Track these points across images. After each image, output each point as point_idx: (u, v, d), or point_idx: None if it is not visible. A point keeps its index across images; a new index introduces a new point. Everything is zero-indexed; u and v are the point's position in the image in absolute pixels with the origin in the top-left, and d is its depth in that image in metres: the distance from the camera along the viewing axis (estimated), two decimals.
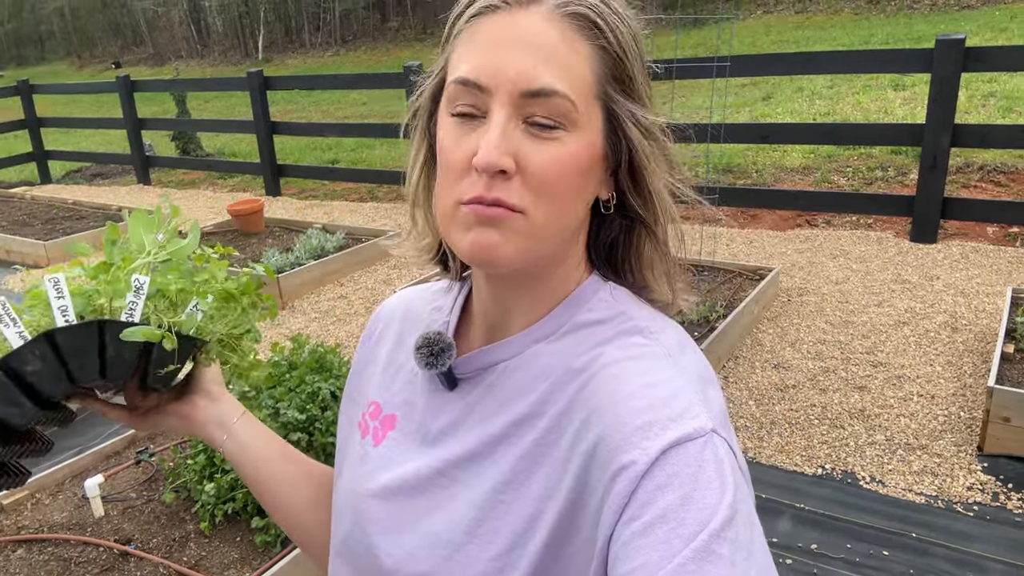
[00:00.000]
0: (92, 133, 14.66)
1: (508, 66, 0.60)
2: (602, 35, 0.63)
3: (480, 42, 0.62)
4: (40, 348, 0.68)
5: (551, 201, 0.62)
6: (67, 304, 0.71)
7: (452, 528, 0.67)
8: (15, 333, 0.68)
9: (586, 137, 0.63)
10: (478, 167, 0.60)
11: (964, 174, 6.06)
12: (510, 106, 0.60)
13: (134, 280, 0.74)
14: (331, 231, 5.93)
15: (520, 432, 0.67)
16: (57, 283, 0.71)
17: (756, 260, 4.95)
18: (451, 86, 0.63)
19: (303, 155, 10.14)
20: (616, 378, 0.63)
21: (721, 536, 0.53)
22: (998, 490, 2.64)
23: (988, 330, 3.78)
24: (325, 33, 30.36)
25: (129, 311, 0.73)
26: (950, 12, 16.98)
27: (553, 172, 0.61)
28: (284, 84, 9.29)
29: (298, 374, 2.64)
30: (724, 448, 0.58)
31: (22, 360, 0.67)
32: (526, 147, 0.61)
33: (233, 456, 0.88)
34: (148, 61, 33.72)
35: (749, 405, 3.31)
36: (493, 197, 0.61)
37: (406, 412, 0.77)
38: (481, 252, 0.62)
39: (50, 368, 0.69)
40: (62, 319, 0.70)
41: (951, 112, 4.74)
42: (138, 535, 2.51)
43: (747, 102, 9.76)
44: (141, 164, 9.55)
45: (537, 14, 0.61)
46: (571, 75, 0.61)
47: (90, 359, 0.71)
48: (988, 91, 8.25)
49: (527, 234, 0.62)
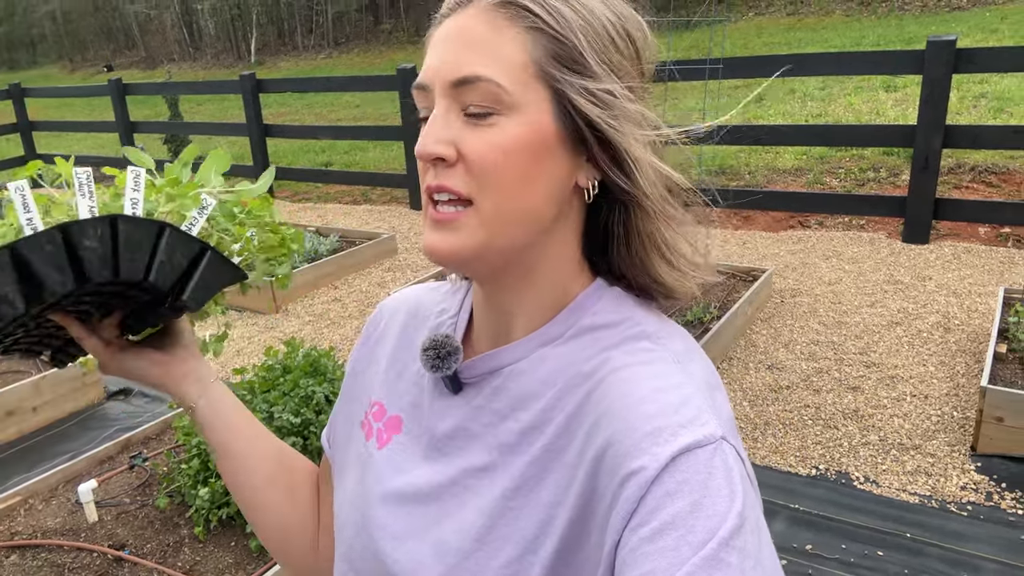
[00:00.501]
0: (84, 136, 14.61)
1: (441, 62, 0.64)
2: (536, 17, 0.63)
3: (429, 48, 0.67)
4: (102, 228, 0.68)
5: (498, 186, 0.63)
6: (139, 199, 0.72)
7: (461, 535, 0.66)
8: (87, 206, 0.69)
9: (528, 119, 0.63)
10: (418, 156, 0.64)
11: (956, 175, 6.09)
12: (446, 98, 0.63)
13: (203, 198, 0.76)
14: (324, 234, 5.92)
15: (529, 439, 0.66)
16: (137, 176, 0.73)
17: (749, 261, 4.96)
18: (413, 94, 0.68)
19: (296, 158, 10.13)
20: (626, 382, 0.62)
21: (730, 544, 0.53)
22: (992, 490, 2.65)
23: (980, 330, 3.80)
24: (318, 35, 30.33)
25: (189, 224, 0.75)
26: (941, 13, 17.07)
27: (491, 156, 0.62)
28: (277, 87, 9.27)
29: (292, 378, 2.63)
30: (733, 455, 0.58)
31: (83, 232, 0.67)
32: (465, 135, 0.63)
33: (204, 418, 0.85)
34: (140, 64, 33.62)
35: (743, 406, 3.31)
36: (437, 184, 0.64)
37: (412, 415, 0.76)
38: (435, 252, 0.65)
39: (104, 251, 0.68)
40: (131, 209, 0.72)
41: (942, 113, 4.77)
42: (132, 540, 2.50)
43: (740, 103, 9.78)
44: None
45: (470, 11, 0.65)
46: (498, 60, 0.62)
47: (141, 256, 0.71)
48: (979, 92, 8.29)
49: (478, 226, 0.64)
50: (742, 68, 6.08)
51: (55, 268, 0.66)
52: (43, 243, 0.66)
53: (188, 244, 0.74)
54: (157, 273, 0.72)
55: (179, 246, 0.73)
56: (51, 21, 40.23)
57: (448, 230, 0.64)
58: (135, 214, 0.72)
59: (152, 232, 0.72)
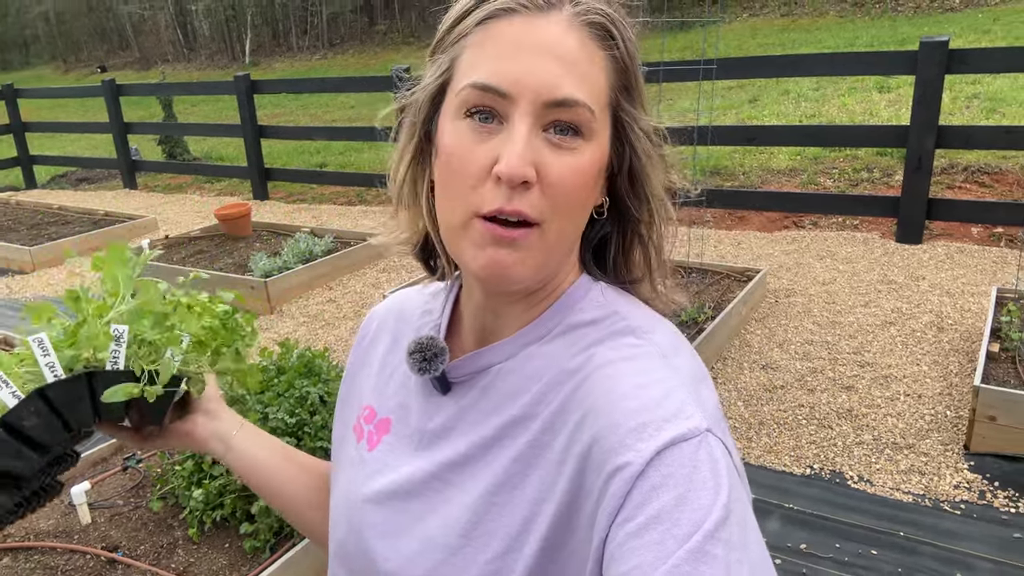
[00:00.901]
0: (78, 137, 14.56)
1: (531, 74, 0.59)
2: (615, 44, 0.63)
3: (497, 46, 0.61)
4: (35, 404, 0.73)
5: (568, 212, 0.63)
6: (53, 360, 0.75)
7: (447, 531, 0.67)
8: (9, 394, 0.73)
9: (598, 146, 0.63)
10: (502, 177, 0.59)
11: (949, 175, 6.11)
12: (532, 115, 0.60)
13: (113, 330, 0.78)
14: (319, 235, 5.91)
15: (513, 434, 0.67)
16: (41, 342, 0.75)
17: (744, 262, 4.97)
18: (466, 90, 0.61)
19: (291, 159, 10.11)
20: (610, 379, 0.63)
21: (715, 536, 0.53)
22: (985, 488, 2.66)
23: (973, 329, 3.81)
24: (312, 36, 30.28)
25: (113, 360, 0.78)
26: (934, 15, 17.14)
27: (571, 182, 0.61)
28: (271, 88, 9.25)
29: (287, 379, 2.63)
30: (719, 448, 0.58)
31: (19, 416, 0.72)
32: (546, 157, 0.60)
33: (236, 467, 0.90)
34: (134, 65, 33.53)
35: (738, 406, 3.32)
36: (513, 209, 0.60)
37: (401, 416, 0.77)
38: (497, 272, 0.62)
39: (46, 421, 0.74)
40: (51, 375, 0.75)
41: (935, 114, 4.78)
42: (125, 542, 2.49)
43: (734, 104, 9.81)
44: (127, 168, 9.49)
45: (557, 21, 0.61)
46: (590, 85, 0.61)
47: (83, 407, 0.76)
48: (972, 92, 8.33)
49: (541, 249, 0.62)
50: (736, 69, 6.10)
51: (14, 457, 0.72)
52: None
53: (119, 378, 0.77)
54: (105, 412, 0.77)
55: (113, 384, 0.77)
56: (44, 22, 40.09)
57: (515, 248, 0.61)
58: (56, 376, 0.75)
59: (82, 383, 0.76)
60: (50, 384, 0.74)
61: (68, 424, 0.75)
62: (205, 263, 5.65)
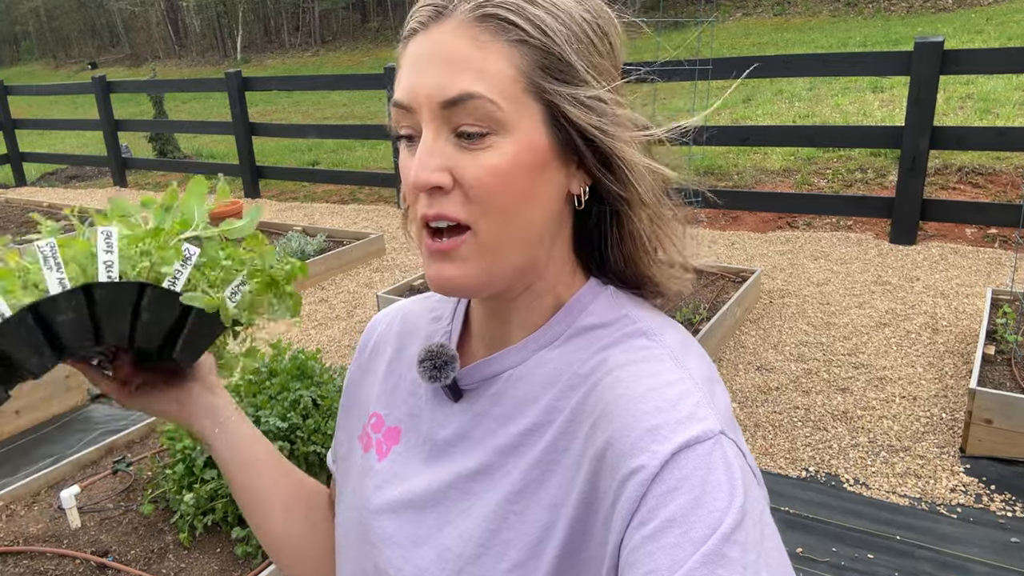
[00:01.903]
0: (68, 135, 14.47)
1: (423, 82, 0.61)
2: (519, 29, 0.61)
3: (405, 64, 0.63)
4: (76, 299, 0.66)
5: (498, 211, 0.62)
6: (113, 260, 0.68)
7: (464, 541, 0.66)
8: (56, 279, 0.66)
9: (522, 136, 0.61)
10: (413, 188, 0.61)
11: (943, 176, 6.12)
12: (434, 121, 0.61)
13: (185, 249, 0.72)
14: (311, 234, 5.87)
15: (530, 441, 0.66)
16: (109, 236, 0.68)
17: (738, 262, 4.97)
18: (390, 110, 0.65)
19: (282, 157, 10.06)
20: (623, 381, 0.62)
21: (731, 539, 0.53)
22: (981, 492, 2.66)
23: (969, 331, 3.81)
24: (304, 33, 30.18)
25: (173, 279, 0.71)
26: (926, 14, 17.20)
27: (490, 182, 0.61)
28: (263, 85, 9.20)
29: (279, 381, 2.60)
30: (733, 449, 0.58)
31: (56, 308, 0.65)
32: (460, 160, 0.61)
33: (219, 455, 0.85)
34: (125, 62, 33.36)
35: (733, 407, 3.30)
36: (435, 213, 0.62)
37: (411, 425, 0.76)
38: (443, 284, 0.64)
39: (81, 321, 0.67)
40: (105, 274, 0.68)
41: (929, 114, 4.79)
42: (116, 547, 2.46)
43: (727, 104, 9.81)
44: (118, 166, 9.43)
45: (447, 26, 0.61)
46: (487, 76, 0.60)
47: (122, 321, 0.69)
48: (965, 93, 8.35)
49: (479, 254, 0.62)
50: (731, 68, 6.09)
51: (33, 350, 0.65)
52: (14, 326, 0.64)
53: (173, 300, 0.71)
54: (142, 335, 0.71)
55: (163, 304, 0.71)
56: (35, 18, 39.84)
57: (452, 259, 0.63)
58: (110, 277, 0.68)
59: (131, 294, 0.69)
60: (103, 283, 0.67)
61: (99, 334, 0.68)
62: None
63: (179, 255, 0.72)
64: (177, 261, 0.72)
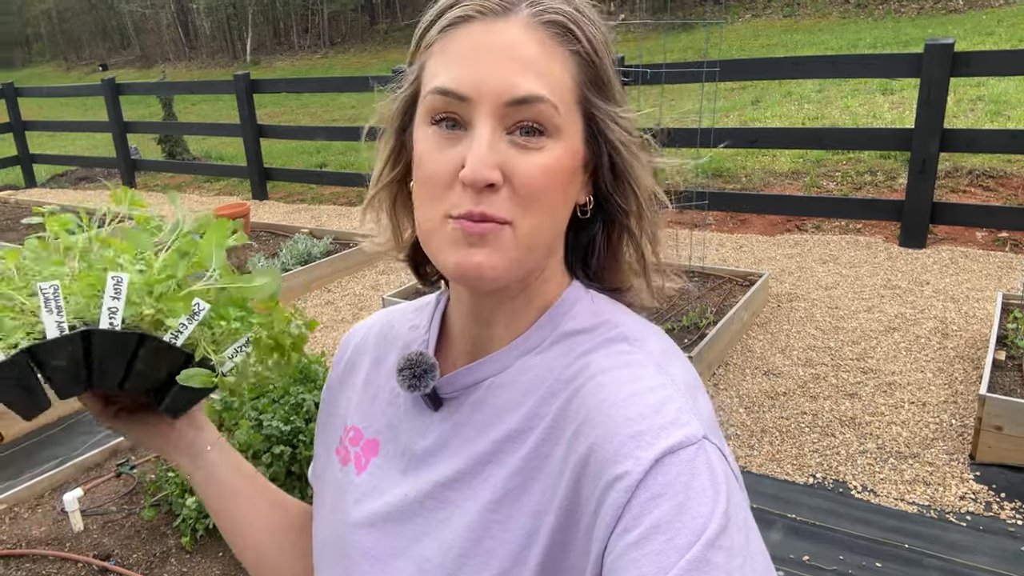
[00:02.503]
0: (78, 136, 14.54)
1: (490, 76, 0.60)
2: (577, 41, 0.63)
3: (458, 52, 0.61)
4: (74, 345, 0.65)
5: (539, 211, 0.62)
6: (119, 308, 0.66)
7: (444, 552, 0.65)
8: (55, 323, 0.64)
9: (569, 144, 0.63)
10: (466, 181, 0.59)
11: (953, 179, 6.07)
12: (494, 117, 0.60)
13: (195, 304, 0.70)
14: (318, 236, 5.87)
15: (510, 448, 0.65)
16: (119, 283, 0.66)
17: (745, 265, 4.94)
18: (430, 96, 0.62)
19: (291, 159, 10.08)
20: (605, 387, 0.62)
21: (716, 545, 0.52)
22: (991, 500, 2.62)
23: (979, 336, 3.77)
24: (314, 35, 30.28)
25: (176, 333, 0.69)
26: (937, 16, 17.10)
27: (540, 181, 0.61)
28: (271, 87, 9.21)
29: (282, 385, 2.59)
30: (716, 454, 0.58)
31: (51, 353, 0.64)
32: (513, 158, 0.60)
33: (199, 487, 0.84)
34: (135, 64, 33.55)
35: (740, 413, 3.28)
36: (480, 212, 0.60)
37: (389, 436, 0.75)
38: (470, 271, 0.61)
39: (74, 368, 0.66)
40: (108, 321, 0.66)
41: (940, 117, 4.74)
42: (118, 550, 2.45)
43: (736, 105, 9.77)
44: (127, 167, 9.46)
45: (514, 24, 0.61)
46: (552, 82, 0.61)
47: (116, 369, 0.68)
48: (976, 95, 8.28)
49: (515, 247, 0.62)
50: (739, 70, 6.06)
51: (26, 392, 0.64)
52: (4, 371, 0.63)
53: (172, 354, 0.70)
54: (133, 382, 0.69)
55: (161, 356, 0.69)
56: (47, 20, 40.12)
57: (486, 244, 0.61)
58: (112, 325, 0.66)
59: (131, 344, 0.68)
60: (102, 330, 0.65)
61: (91, 379, 0.66)
62: None
63: (187, 309, 0.70)
64: (184, 315, 0.70)
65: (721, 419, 3.23)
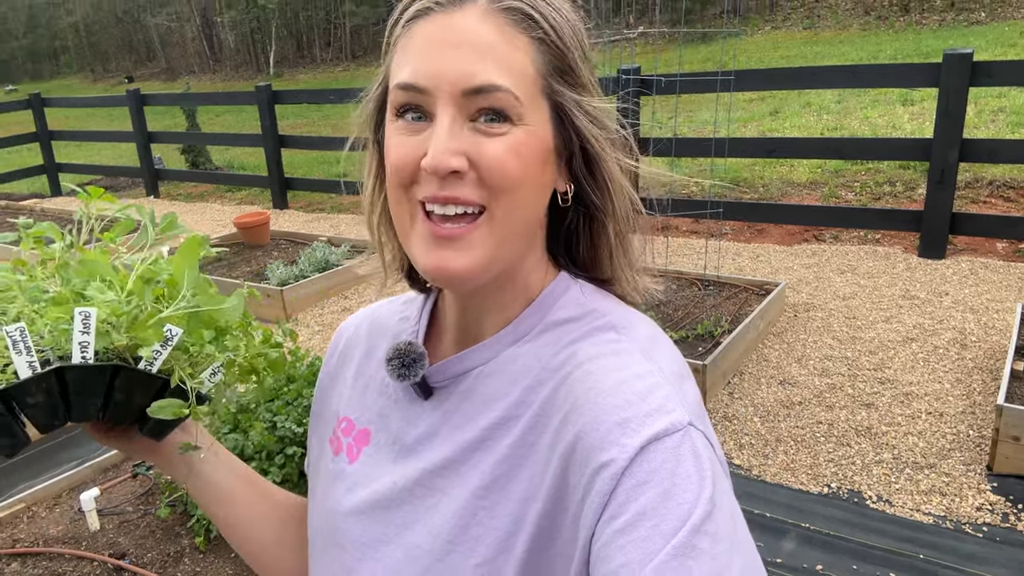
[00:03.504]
0: (103, 146, 14.78)
1: (448, 66, 0.60)
2: (539, 27, 0.62)
3: (418, 45, 0.62)
4: (48, 383, 0.65)
5: (512, 194, 0.62)
6: (89, 341, 0.66)
7: (433, 538, 0.66)
8: (26, 363, 0.64)
9: (534, 130, 0.63)
10: (427, 169, 0.60)
11: (973, 189, 6.01)
12: (454, 106, 0.60)
13: (167, 330, 0.69)
14: (336, 244, 5.92)
15: (498, 435, 0.66)
16: (87, 318, 0.66)
17: (762, 275, 4.91)
18: (394, 91, 0.63)
19: (311, 169, 10.18)
20: (592, 375, 0.63)
21: (701, 531, 0.53)
22: (1008, 511, 2.59)
23: (998, 347, 3.73)
24: (336, 48, 30.60)
25: (150, 361, 0.69)
26: (959, 27, 16.97)
27: (507, 164, 0.61)
28: (293, 98, 9.33)
29: (296, 387, 2.62)
30: (702, 441, 0.58)
31: (27, 392, 0.65)
32: (477, 144, 0.61)
33: (194, 495, 0.85)
34: (160, 76, 34.05)
35: (754, 422, 3.26)
36: (446, 195, 0.60)
37: (380, 425, 0.75)
38: (446, 272, 0.62)
39: (51, 403, 0.66)
40: (79, 355, 0.66)
41: (959, 127, 4.70)
42: (133, 550, 2.48)
43: (754, 116, 9.75)
44: (150, 177, 9.60)
45: (472, 12, 0.61)
46: (511, 70, 0.61)
47: (94, 401, 0.68)
48: (997, 107, 8.21)
49: (491, 237, 0.62)
50: (755, 80, 6.05)
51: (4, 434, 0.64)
52: None
53: (149, 381, 0.70)
54: (113, 413, 0.69)
55: (138, 385, 0.69)
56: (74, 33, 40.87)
57: (458, 248, 0.61)
58: (84, 359, 0.66)
59: (105, 376, 0.68)
60: (75, 366, 0.65)
61: (70, 414, 0.67)
62: (223, 270, 5.68)
63: (159, 336, 0.69)
64: (157, 342, 0.69)
65: (735, 428, 3.22)
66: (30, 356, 0.65)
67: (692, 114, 9.27)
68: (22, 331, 0.65)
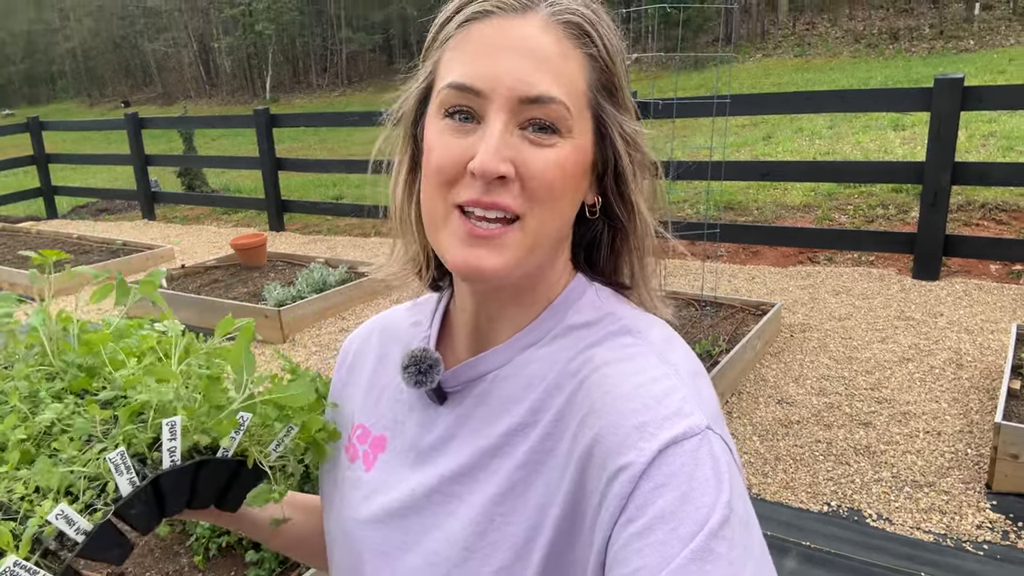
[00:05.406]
0: (100, 169, 14.81)
1: (506, 72, 0.60)
2: (593, 44, 0.63)
3: (474, 47, 0.62)
4: (146, 493, 0.70)
5: (548, 206, 0.62)
6: (176, 446, 0.72)
7: (451, 545, 0.66)
8: (127, 480, 0.69)
9: (579, 143, 0.64)
10: (476, 172, 0.60)
11: (965, 212, 6.07)
12: (507, 112, 0.60)
13: (239, 417, 0.75)
14: (333, 265, 5.94)
15: (515, 441, 0.66)
16: (173, 426, 0.71)
17: (758, 296, 4.94)
18: (444, 90, 0.63)
19: (308, 192, 10.22)
20: (609, 379, 0.63)
21: (719, 535, 0.53)
22: (1008, 528, 2.59)
23: (994, 367, 3.75)
24: (332, 74, 30.83)
25: (227, 449, 0.75)
26: (948, 55, 17.22)
27: (551, 176, 0.62)
28: (290, 121, 9.40)
29: None
30: (719, 445, 0.58)
31: (129, 505, 0.69)
32: (524, 152, 0.61)
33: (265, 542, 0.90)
34: (157, 100, 34.21)
35: (753, 441, 3.26)
36: (491, 200, 0.60)
37: (396, 431, 0.75)
38: (473, 268, 0.62)
39: (148, 508, 0.70)
40: (169, 460, 0.71)
41: (951, 150, 4.77)
42: (131, 568, 2.46)
43: (747, 141, 9.85)
44: (146, 200, 9.62)
45: (534, 21, 0.62)
46: (566, 83, 0.62)
47: (183, 495, 0.73)
48: (988, 131, 8.32)
49: (520, 244, 0.62)
50: (750, 104, 6.13)
51: (114, 546, 0.68)
52: (96, 537, 0.66)
53: (227, 465, 0.75)
54: (198, 501, 0.75)
55: (216, 471, 0.75)
56: (71, 58, 41.08)
57: (492, 247, 0.62)
58: (173, 463, 0.72)
59: (191, 470, 0.73)
60: (167, 471, 0.70)
61: (164, 511, 0.72)
62: (220, 292, 5.68)
63: (234, 424, 0.74)
64: (232, 430, 0.74)
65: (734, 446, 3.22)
66: (130, 474, 0.69)
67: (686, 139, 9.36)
68: (123, 455, 0.70)
